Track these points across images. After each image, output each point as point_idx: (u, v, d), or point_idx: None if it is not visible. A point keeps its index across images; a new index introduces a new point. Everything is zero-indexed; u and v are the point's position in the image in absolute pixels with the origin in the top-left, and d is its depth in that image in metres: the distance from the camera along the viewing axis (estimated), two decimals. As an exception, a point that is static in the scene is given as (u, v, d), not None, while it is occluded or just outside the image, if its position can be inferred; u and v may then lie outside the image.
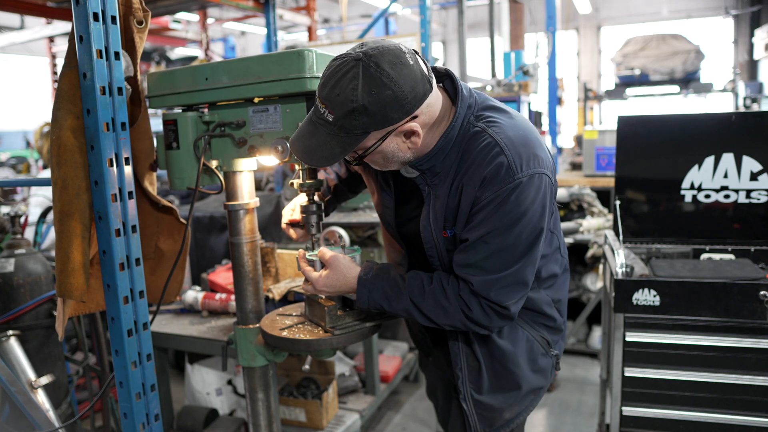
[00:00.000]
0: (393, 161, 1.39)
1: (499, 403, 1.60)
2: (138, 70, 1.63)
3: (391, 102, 1.24)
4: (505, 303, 1.39)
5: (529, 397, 1.66)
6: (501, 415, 1.62)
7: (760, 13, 12.82)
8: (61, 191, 1.50)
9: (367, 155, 1.35)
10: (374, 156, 1.37)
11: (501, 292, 1.38)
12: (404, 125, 1.30)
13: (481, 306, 1.40)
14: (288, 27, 12.25)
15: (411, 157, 1.39)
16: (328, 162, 1.32)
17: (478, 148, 1.36)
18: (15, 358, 2.11)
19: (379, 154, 1.36)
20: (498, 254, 1.36)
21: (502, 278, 1.37)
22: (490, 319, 1.41)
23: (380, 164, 1.42)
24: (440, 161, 1.40)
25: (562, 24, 10.91)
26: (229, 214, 1.75)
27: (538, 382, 1.63)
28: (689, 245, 2.50)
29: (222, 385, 3.13)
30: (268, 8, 4.24)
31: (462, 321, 1.43)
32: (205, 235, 3.85)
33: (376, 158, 1.38)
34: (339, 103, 1.24)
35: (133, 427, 1.56)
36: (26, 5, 3.77)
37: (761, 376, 2.03)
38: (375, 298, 1.49)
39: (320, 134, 1.29)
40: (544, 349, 1.62)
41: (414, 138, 1.34)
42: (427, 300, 1.44)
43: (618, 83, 9.75)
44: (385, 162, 1.40)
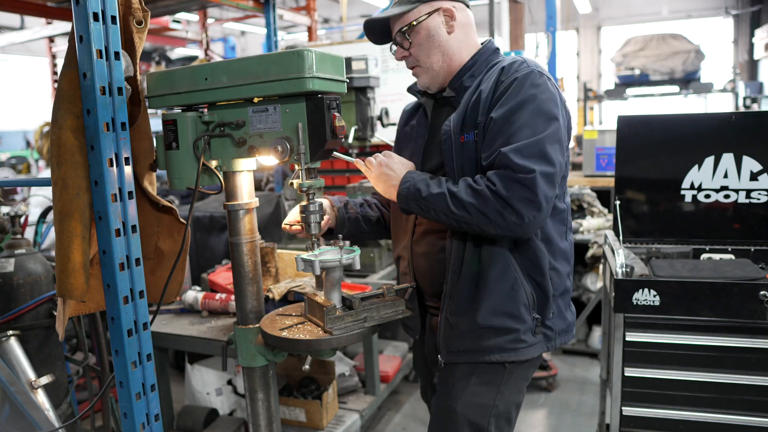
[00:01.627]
0: (434, 45, 1.66)
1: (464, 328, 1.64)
2: (138, 70, 1.63)
3: None
4: (529, 166, 1.43)
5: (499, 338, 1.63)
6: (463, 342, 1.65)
7: (760, 13, 12.81)
8: (61, 191, 1.50)
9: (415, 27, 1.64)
10: (420, 35, 1.65)
11: (524, 158, 1.45)
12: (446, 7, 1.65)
13: (505, 177, 1.45)
14: (288, 27, 12.25)
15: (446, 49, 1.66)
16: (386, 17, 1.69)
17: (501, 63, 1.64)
18: (15, 358, 2.12)
19: (424, 31, 1.65)
20: (520, 129, 1.48)
21: (525, 146, 1.46)
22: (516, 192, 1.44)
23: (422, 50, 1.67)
24: (468, 77, 1.66)
25: (562, 24, 10.91)
26: (229, 214, 1.75)
27: (511, 323, 1.62)
28: (689, 245, 2.50)
29: (222, 385, 3.13)
30: (268, 8, 4.24)
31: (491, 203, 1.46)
32: (205, 235, 3.85)
33: (422, 37, 1.66)
34: None
35: (133, 427, 1.56)
36: (26, 5, 3.77)
37: (761, 376, 2.03)
38: (416, 183, 1.58)
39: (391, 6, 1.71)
40: (528, 304, 1.63)
41: (451, 22, 1.65)
42: (459, 186, 1.53)
43: (618, 83, 9.75)
44: (427, 43, 1.66)
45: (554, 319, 1.69)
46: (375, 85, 3.54)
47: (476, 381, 1.67)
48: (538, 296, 1.65)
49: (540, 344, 1.68)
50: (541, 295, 1.65)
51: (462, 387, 1.68)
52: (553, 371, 3.79)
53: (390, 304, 1.67)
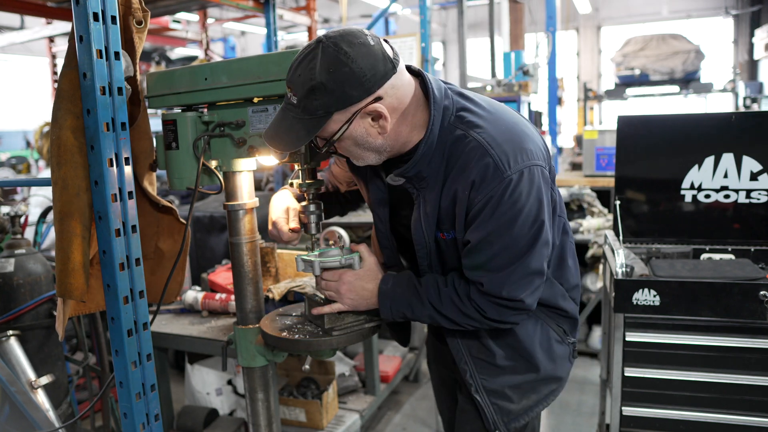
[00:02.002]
0: (366, 148, 1.37)
1: (513, 390, 1.58)
2: (138, 70, 1.63)
3: (348, 79, 1.23)
4: (519, 296, 1.39)
5: (547, 386, 1.63)
6: (517, 402, 1.59)
7: (760, 13, 12.82)
8: (61, 191, 1.50)
9: (336, 141, 1.34)
10: (345, 143, 1.35)
11: (512, 287, 1.38)
12: (368, 106, 1.28)
13: (495, 305, 1.41)
14: (288, 27, 12.25)
15: (385, 146, 1.37)
16: (294, 145, 1.33)
17: (462, 153, 1.35)
18: (15, 358, 2.11)
19: (349, 140, 1.34)
20: (502, 253, 1.36)
21: (511, 274, 1.37)
22: (507, 316, 1.43)
23: (355, 154, 1.39)
24: (425, 166, 1.39)
25: (562, 24, 10.91)
26: (229, 214, 1.75)
27: (554, 370, 1.62)
28: (689, 245, 2.50)
29: (222, 385, 3.13)
30: (268, 8, 4.24)
31: (480, 321, 1.44)
32: (205, 235, 3.85)
33: (348, 145, 1.36)
34: (300, 83, 1.26)
35: (133, 427, 1.56)
36: (26, 5, 3.77)
37: (761, 376, 2.03)
38: (397, 308, 1.51)
39: (288, 119, 1.31)
40: (560, 336, 1.62)
41: (382, 122, 1.31)
42: (445, 304, 1.45)
43: (618, 83, 9.76)
44: (359, 149, 1.37)
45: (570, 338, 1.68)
46: (375, 85, 3.54)
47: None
48: (567, 322, 1.63)
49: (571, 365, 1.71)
50: (569, 321, 1.64)
51: None
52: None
53: None
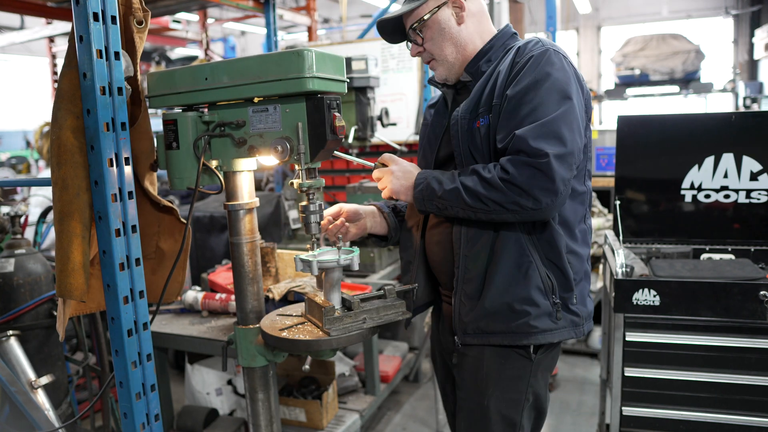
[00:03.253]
0: (447, 38, 1.66)
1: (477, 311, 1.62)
2: (138, 70, 1.63)
3: None
4: (544, 150, 1.41)
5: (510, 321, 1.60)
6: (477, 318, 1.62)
7: (760, 13, 12.81)
8: (61, 191, 1.50)
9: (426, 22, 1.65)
10: (432, 29, 1.66)
11: (537, 140, 1.42)
12: None
13: (519, 163, 1.44)
14: (288, 27, 12.25)
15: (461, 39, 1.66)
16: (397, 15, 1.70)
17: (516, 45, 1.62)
18: (15, 358, 2.11)
19: (435, 25, 1.65)
20: (533, 109, 1.47)
21: (538, 127, 1.44)
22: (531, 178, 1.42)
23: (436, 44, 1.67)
24: (485, 62, 1.65)
25: (562, 24, 10.91)
26: (229, 214, 1.75)
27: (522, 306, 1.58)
28: (689, 245, 2.50)
29: (222, 385, 3.13)
30: (268, 8, 4.24)
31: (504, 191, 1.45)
32: (205, 235, 3.85)
33: (434, 32, 1.66)
34: None
35: (133, 427, 1.56)
36: (26, 5, 3.77)
37: (761, 376, 2.03)
38: (429, 182, 1.59)
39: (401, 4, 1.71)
40: (544, 287, 1.59)
41: (461, 13, 1.65)
42: (472, 177, 1.52)
43: (618, 83, 9.76)
44: (440, 36, 1.66)
45: (578, 305, 1.65)
46: (375, 85, 3.54)
47: (506, 375, 1.65)
48: (559, 280, 1.61)
49: (566, 329, 1.63)
50: (562, 279, 1.61)
51: (492, 382, 1.65)
52: (553, 371, 3.79)
53: (390, 305, 1.67)
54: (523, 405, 1.65)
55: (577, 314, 1.65)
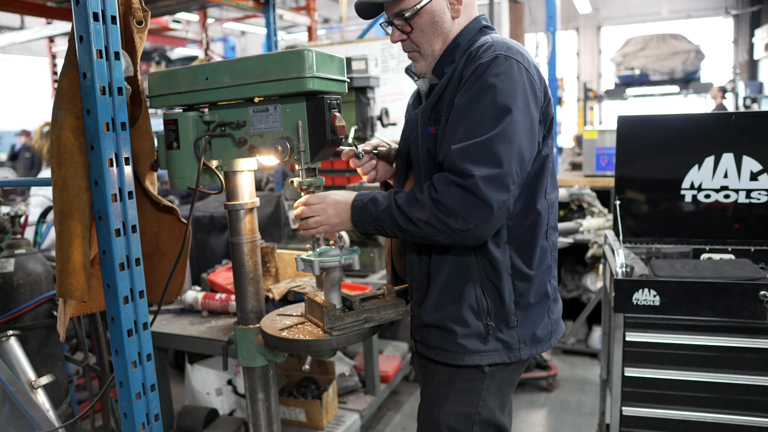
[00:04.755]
0: (436, 31, 1.54)
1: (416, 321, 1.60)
2: (138, 70, 1.63)
3: None
4: (471, 170, 1.34)
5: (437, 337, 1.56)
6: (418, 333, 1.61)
7: (760, 13, 12.82)
8: (61, 191, 1.50)
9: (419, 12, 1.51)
10: (423, 19, 1.52)
11: (466, 161, 1.35)
12: None
13: (448, 182, 1.37)
14: (288, 27, 12.25)
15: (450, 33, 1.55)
16: None
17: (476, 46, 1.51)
18: (15, 358, 2.11)
19: (427, 16, 1.52)
20: (471, 125, 1.39)
21: (470, 146, 1.37)
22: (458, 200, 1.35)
23: (425, 35, 1.54)
24: (449, 63, 1.54)
25: (562, 24, 10.91)
26: (230, 214, 1.75)
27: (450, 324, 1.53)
28: (689, 245, 2.50)
29: (222, 385, 3.13)
30: (268, 8, 4.24)
31: (433, 211, 1.38)
32: (205, 235, 3.85)
33: (424, 23, 1.53)
34: None
35: (133, 427, 1.56)
36: (26, 5, 3.77)
37: (761, 376, 2.03)
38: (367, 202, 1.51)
39: None
40: (476, 307, 1.51)
41: (456, 6, 1.54)
42: (406, 198, 1.45)
43: (618, 83, 9.76)
44: (431, 31, 1.53)
45: (520, 329, 1.55)
46: (375, 85, 3.55)
47: (457, 387, 1.58)
48: (495, 302, 1.52)
49: (496, 353, 1.54)
50: (498, 301, 1.52)
51: (443, 393, 1.60)
52: (553, 371, 3.79)
53: (390, 304, 1.67)
54: (474, 419, 1.57)
55: (512, 338, 1.54)
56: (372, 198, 1.51)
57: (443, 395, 1.60)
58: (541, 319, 1.59)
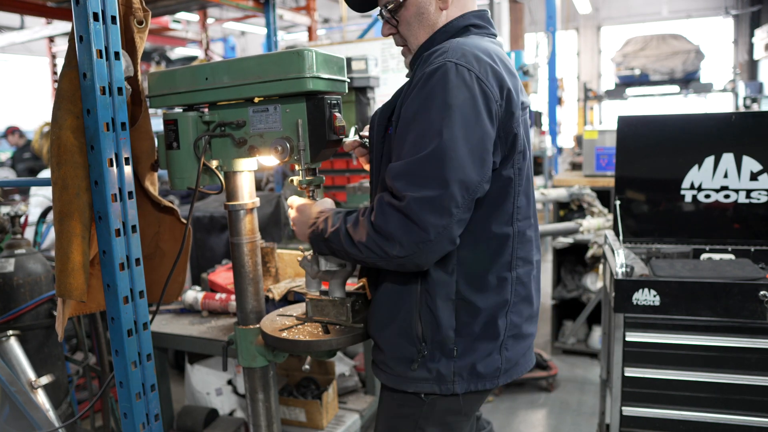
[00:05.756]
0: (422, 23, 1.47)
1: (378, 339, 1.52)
2: (138, 70, 1.63)
3: None
4: (402, 192, 1.25)
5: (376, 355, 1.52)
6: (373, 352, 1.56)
7: (760, 13, 12.82)
8: (61, 191, 1.50)
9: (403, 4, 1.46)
10: (409, 11, 1.47)
11: (400, 180, 1.26)
12: None
13: (383, 204, 1.29)
14: (288, 27, 12.25)
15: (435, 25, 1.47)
16: None
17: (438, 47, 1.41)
18: (15, 358, 2.11)
19: (414, 7, 1.46)
20: (412, 142, 1.29)
21: (407, 164, 1.27)
22: (390, 222, 1.26)
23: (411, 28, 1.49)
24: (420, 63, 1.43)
25: (562, 24, 10.91)
26: (230, 215, 1.75)
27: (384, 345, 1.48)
28: (689, 245, 2.50)
29: (222, 385, 3.13)
30: (268, 8, 4.24)
31: (369, 233, 1.30)
32: (205, 235, 3.84)
33: (410, 15, 1.47)
34: None
35: (133, 427, 1.56)
36: (26, 5, 3.77)
37: (761, 376, 2.03)
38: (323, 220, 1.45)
39: None
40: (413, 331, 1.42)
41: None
42: (353, 220, 1.37)
43: (618, 83, 9.75)
44: (416, 23, 1.47)
45: (458, 360, 1.42)
46: (375, 85, 3.55)
47: (396, 411, 1.51)
48: (430, 328, 1.41)
49: (426, 382, 1.44)
50: (434, 328, 1.41)
51: (385, 415, 1.56)
52: (553, 371, 3.80)
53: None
54: None
55: (452, 369, 1.42)
56: (329, 217, 1.43)
57: (382, 418, 1.56)
58: (487, 354, 1.44)
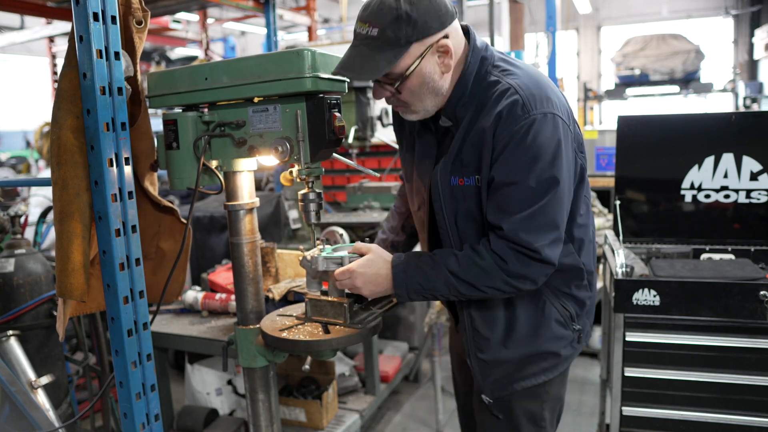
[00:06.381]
0: (429, 90, 1.45)
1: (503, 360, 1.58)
2: (138, 70, 1.63)
3: (429, 10, 1.37)
4: (535, 245, 1.38)
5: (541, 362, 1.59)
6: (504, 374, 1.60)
7: (760, 13, 12.82)
8: (61, 191, 1.50)
9: (406, 79, 1.42)
10: (413, 81, 1.43)
11: (530, 233, 1.38)
12: (440, 41, 1.40)
13: (514, 251, 1.40)
14: (288, 27, 12.25)
15: (443, 89, 1.47)
16: (372, 75, 1.40)
17: (494, 93, 1.43)
18: (15, 358, 2.11)
19: (417, 78, 1.43)
20: (521, 193, 1.38)
21: (528, 217, 1.38)
22: (527, 267, 1.41)
23: (417, 96, 1.47)
24: (461, 107, 1.47)
25: (562, 24, 10.90)
26: (229, 215, 1.75)
27: (549, 347, 1.58)
28: (689, 245, 2.50)
29: (222, 385, 3.13)
30: (268, 8, 4.24)
31: (502, 278, 1.42)
32: (205, 235, 3.85)
33: (415, 84, 1.44)
34: (384, 14, 1.36)
35: (133, 427, 1.56)
36: (26, 5, 3.77)
37: (761, 376, 2.03)
38: (412, 280, 1.50)
39: (364, 53, 1.40)
40: (564, 319, 1.58)
41: (447, 60, 1.43)
42: (462, 265, 1.44)
43: (618, 83, 9.77)
44: (422, 90, 1.45)
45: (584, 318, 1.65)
46: (375, 85, 3.54)
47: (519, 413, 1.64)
48: (573, 307, 1.60)
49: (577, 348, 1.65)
50: (576, 305, 1.60)
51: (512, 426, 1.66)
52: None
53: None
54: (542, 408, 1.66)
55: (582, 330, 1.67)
56: (417, 268, 1.50)
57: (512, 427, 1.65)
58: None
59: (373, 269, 1.54)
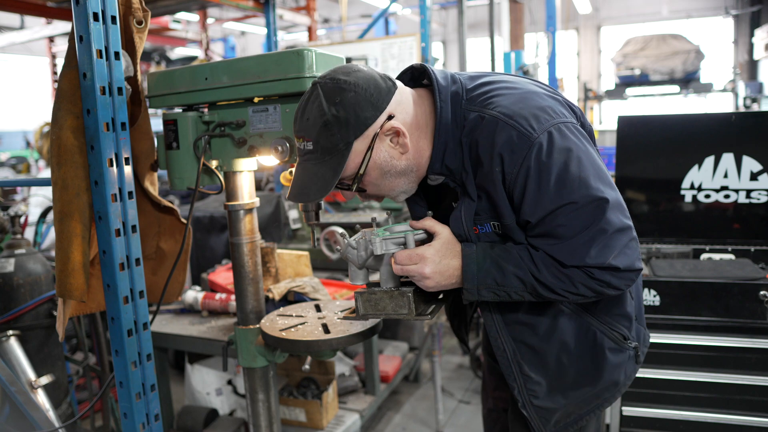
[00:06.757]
0: (393, 175, 1.32)
1: (561, 405, 1.45)
2: (138, 70, 1.63)
3: (357, 102, 1.24)
4: (607, 262, 1.21)
5: (599, 396, 1.48)
6: (565, 413, 1.48)
7: (760, 13, 12.82)
8: (61, 191, 1.50)
9: (363, 176, 1.29)
10: (372, 175, 1.31)
11: (598, 252, 1.21)
12: (384, 125, 1.26)
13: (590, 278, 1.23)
14: (288, 27, 12.25)
15: (410, 166, 1.33)
16: (323, 192, 1.26)
17: (483, 132, 1.27)
18: (15, 358, 2.11)
19: (375, 171, 1.30)
20: (568, 219, 1.21)
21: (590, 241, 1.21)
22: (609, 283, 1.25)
23: (385, 186, 1.34)
24: (450, 158, 1.32)
25: (562, 24, 10.90)
26: (229, 215, 1.75)
27: (607, 380, 1.44)
28: (689, 245, 2.50)
29: (222, 385, 3.13)
30: (268, 8, 4.24)
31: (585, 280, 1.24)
32: (205, 235, 3.85)
33: (375, 177, 1.31)
34: (311, 126, 1.25)
35: (133, 427, 1.56)
36: (26, 5, 3.77)
37: (761, 376, 2.03)
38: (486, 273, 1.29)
39: (308, 169, 1.28)
40: (617, 344, 1.42)
41: (401, 140, 1.28)
42: (540, 266, 1.25)
43: (618, 83, 9.76)
44: (387, 179, 1.32)
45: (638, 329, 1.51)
46: (375, 85, 3.54)
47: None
48: (623, 324, 1.44)
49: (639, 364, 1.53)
50: (625, 321, 1.45)
51: None
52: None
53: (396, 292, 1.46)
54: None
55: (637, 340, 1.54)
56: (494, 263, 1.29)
57: None
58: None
59: (447, 258, 1.32)
